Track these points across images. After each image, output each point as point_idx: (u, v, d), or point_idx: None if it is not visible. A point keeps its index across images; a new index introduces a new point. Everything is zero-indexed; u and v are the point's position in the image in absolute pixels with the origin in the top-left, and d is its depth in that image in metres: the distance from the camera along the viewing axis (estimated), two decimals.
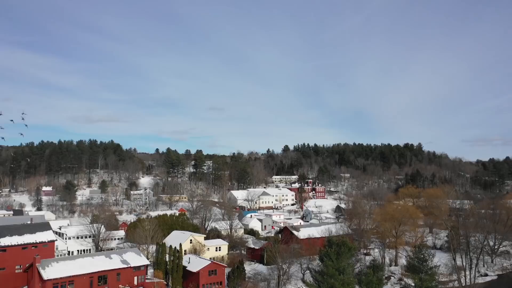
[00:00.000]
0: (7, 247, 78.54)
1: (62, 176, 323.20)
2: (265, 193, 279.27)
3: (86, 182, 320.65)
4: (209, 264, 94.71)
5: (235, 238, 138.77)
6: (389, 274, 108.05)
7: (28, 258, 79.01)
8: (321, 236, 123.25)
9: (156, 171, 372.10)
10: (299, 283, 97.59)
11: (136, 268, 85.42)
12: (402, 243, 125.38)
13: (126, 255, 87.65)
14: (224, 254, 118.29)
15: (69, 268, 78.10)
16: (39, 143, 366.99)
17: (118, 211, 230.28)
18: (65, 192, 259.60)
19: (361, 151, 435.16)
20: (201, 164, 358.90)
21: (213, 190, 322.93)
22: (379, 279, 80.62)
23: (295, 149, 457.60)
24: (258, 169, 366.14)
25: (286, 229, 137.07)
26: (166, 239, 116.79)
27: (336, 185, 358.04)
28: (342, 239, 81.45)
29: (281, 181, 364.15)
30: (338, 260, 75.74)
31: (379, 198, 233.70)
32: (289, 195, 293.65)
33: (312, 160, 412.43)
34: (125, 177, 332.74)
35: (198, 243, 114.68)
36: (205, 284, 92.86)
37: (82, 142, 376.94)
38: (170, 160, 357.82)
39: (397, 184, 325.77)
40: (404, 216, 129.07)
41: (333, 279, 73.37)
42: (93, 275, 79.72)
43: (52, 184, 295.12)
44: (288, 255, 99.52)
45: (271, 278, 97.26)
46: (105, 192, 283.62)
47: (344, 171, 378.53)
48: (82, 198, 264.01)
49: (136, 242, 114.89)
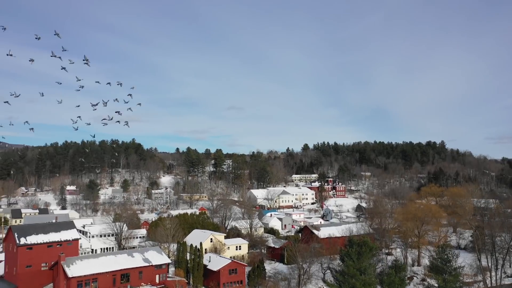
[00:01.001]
0: (33, 245, 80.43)
1: (85, 175, 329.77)
2: (285, 192, 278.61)
3: (109, 181, 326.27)
4: (230, 263, 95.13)
5: (255, 237, 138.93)
6: (412, 274, 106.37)
7: (53, 256, 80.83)
8: (341, 236, 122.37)
9: (176, 170, 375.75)
10: (320, 283, 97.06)
11: (157, 267, 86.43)
12: (425, 243, 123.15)
13: (148, 254, 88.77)
14: (244, 253, 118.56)
15: (92, 266, 79.62)
16: (63, 143, 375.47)
17: (140, 210, 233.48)
18: (88, 191, 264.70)
19: (382, 149, 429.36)
20: (220, 163, 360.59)
21: (233, 189, 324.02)
22: (401, 280, 79.42)
23: (315, 147, 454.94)
24: (277, 168, 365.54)
25: (306, 228, 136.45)
26: (187, 238, 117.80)
27: (356, 183, 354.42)
28: (363, 238, 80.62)
29: (301, 180, 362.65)
30: (359, 260, 75.01)
31: (401, 197, 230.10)
32: (309, 194, 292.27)
33: (332, 159, 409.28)
34: (146, 176, 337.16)
35: (218, 242, 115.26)
36: (225, 283, 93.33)
37: (104, 142, 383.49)
38: (190, 159, 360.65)
39: (419, 183, 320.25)
40: (426, 216, 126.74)
41: (354, 279, 72.71)
42: (116, 273, 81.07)
43: (76, 184, 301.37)
44: (309, 255, 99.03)
45: (292, 278, 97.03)
46: (127, 191, 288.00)
47: (365, 169, 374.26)
48: (104, 197, 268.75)
49: (157, 240, 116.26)
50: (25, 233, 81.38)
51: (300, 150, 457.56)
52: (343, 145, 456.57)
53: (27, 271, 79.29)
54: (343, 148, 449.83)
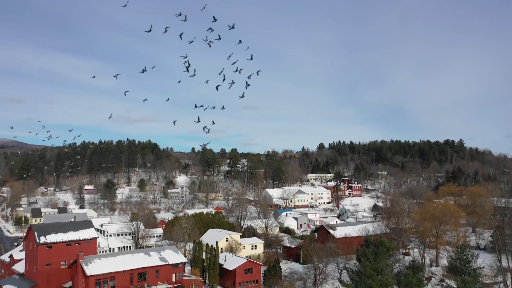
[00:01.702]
0: (52, 243, 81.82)
1: (103, 175, 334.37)
2: (300, 192, 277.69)
3: (126, 181, 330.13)
4: (245, 262, 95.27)
5: (271, 237, 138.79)
6: (430, 275, 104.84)
7: (72, 255, 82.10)
8: (358, 235, 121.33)
9: (192, 169, 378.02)
10: (336, 283, 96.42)
11: (174, 266, 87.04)
12: (443, 243, 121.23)
13: (164, 253, 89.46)
14: (260, 253, 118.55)
15: (110, 265, 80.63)
16: (81, 144, 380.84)
17: (156, 209, 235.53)
18: (106, 190, 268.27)
19: (399, 148, 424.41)
20: (236, 163, 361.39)
21: (248, 189, 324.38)
22: (419, 280, 78.33)
23: (331, 146, 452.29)
24: (293, 167, 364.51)
25: (322, 228, 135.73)
26: (203, 237, 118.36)
27: (373, 183, 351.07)
28: (380, 238, 79.81)
29: (316, 179, 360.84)
30: (376, 260, 74.28)
31: (418, 196, 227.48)
32: (324, 194, 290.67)
33: (348, 158, 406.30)
34: (162, 175, 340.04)
35: (234, 241, 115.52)
36: (241, 282, 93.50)
37: (121, 142, 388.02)
38: (206, 159, 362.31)
39: (437, 182, 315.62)
40: (445, 215, 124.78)
41: (371, 280, 72.06)
42: (133, 271, 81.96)
43: (94, 183, 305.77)
44: (325, 254, 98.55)
45: (307, 277, 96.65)
46: (143, 191, 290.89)
47: (381, 168, 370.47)
48: (122, 196, 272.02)
49: (173, 239, 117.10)
50: (44, 232, 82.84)
51: (315, 149, 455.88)
52: (359, 144, 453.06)
53: (47, 269, 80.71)
54: (359, 147, 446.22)
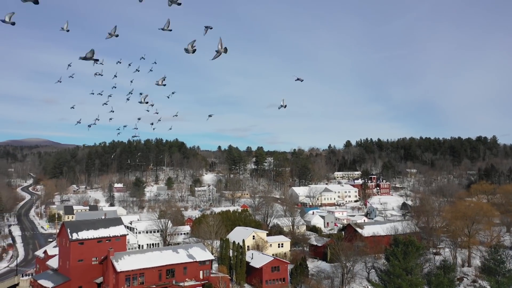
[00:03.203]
0: (84, 240, 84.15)
1: (131, 173, 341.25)
2: (327, 190, 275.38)
3: (154, 179, 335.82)
4: (272, 261, 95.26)
5: (297, 235, 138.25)
6: (462, 275, 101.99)
7: (102, 251, 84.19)
8: (386, 234, 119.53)
9: (218, 168, 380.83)
10: (364, 282, 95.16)
11: (201, 263, 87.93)
12: (476, 242, 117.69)
13: (192, 250, 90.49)
14: (286, 251, 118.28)
15: (139, 261, 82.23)
16: (110, 143, 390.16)
17: (184, 207, 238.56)
18: (135, 188, 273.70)
19: (429, 145, 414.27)
20: (262, 161, 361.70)
21: (275, 187, 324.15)
22: (450, 281, 76.28)
23: (358, 144, 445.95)
24: (319, 165, 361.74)
25: (350, 226, 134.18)
26: (230, 234, 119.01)
27: (401, 181, 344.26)
28: (409, 237, 78.23)
29: (343, 177, 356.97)
30: (405, 260, 72.84)
31: (449, 194, 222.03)
32: (352, 192, 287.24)
33: (375, 156, 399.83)
34: (189, 174, 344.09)
35: (260, 239, 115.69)
36: (268, 280, 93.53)
37: (149, 141, 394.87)
38: (232, 157, 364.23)
39: (469, 180, 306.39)
40: (477, 214, 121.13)
41: (400, 279, 70.71)
42: (161, 268, 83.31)
43: (123, 181, 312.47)
44: (352, 253, 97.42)
45: (335, 276, 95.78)
46: (171, 189, 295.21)
47: (410, 166, 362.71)
48: (150, 194, 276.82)
49: (201, 237, 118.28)
50: (76, 229, 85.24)
51: (342, 147, 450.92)
52: (387, 142, 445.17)
53: (79, 264, 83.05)
54: (387, 144, 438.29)
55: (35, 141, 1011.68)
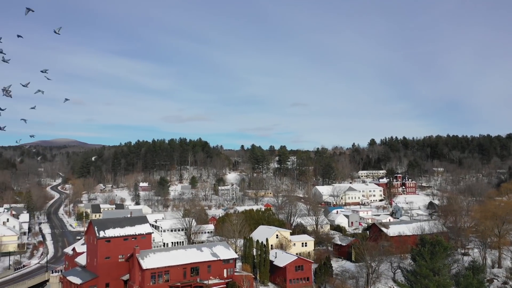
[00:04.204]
0: (111, 238, 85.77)
1: (156, 172, 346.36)
2: (351, 189, 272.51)
3: (178, 178, 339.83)
4: (296, 260, 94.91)
5: (321, 234, 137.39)
6: (492, 276, 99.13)
7: (129, 249, 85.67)
8: (412, 234, 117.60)
9: (241, 167, 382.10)
10: (390, 282, 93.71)
11: (225, 261, 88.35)
12: (507, 243, 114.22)
13: (215, 248, 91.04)
14: (310, 250, 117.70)
15: (164, 259, 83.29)
16: (136, 143, 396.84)
17: (207, 205, 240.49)
18: (159, 187, 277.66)
19: (456, 143, 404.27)
20: (285, 160, 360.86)
21: (298, 186, 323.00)
22: (480, 282, 74.21)
23: (382, 142, 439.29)
24: (343, 164, 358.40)
25: (375, 226, 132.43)
26: (253, 233, 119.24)
27: (428, 180, 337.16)
28: (436, 237, 76.56)
29: (367, 176, 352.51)
30: (432, 260, 71.31)
31: (478, 193, 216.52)
32: (376, 191, 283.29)
33: (401, 154, 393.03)
34: (213, 173, 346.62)
35: (284, 238, 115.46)
36: (292, 279, 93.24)
37: (173, 141, 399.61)
38: (255, 156, 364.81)
39: (498, 179, 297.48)
40: (508, 214, 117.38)
41: (428, 280, 69.28)
42: (186, 266, 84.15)
43: (148, 180, 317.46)
44: (377, 253, 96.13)
45: (360, 276, 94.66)
46: (195, 188, 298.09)
47: (437, 165, 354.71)
48: (174, 193, 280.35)
49: (224, 236, 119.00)
50: (104, 227, 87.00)
51: (366, 146, 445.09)
52: (413, 140, 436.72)
53: (106, 262, 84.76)
54: (413, 142, 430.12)
55: (64, 142, 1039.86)
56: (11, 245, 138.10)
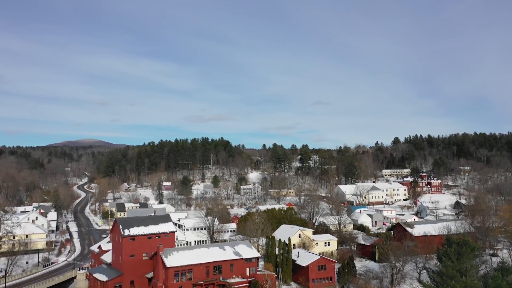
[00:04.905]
0: (135, 236, 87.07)
1: (179, 172, 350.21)
2: (374, 188, 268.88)
3: (200, 177, 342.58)
4: (319, 259, 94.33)
5: (344, 234, 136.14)
6: None
7: (152, 247, 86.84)
8: (438, 234, 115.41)
9: (263, 166, 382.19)
10: (415, 283, 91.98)
11: (247, 260, 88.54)
12: None
13: (238, 247, 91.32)
14: (333, 250, 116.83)
15: (188, 257, 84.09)
16: (159, 142, 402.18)
17: (230, 204, 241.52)
18: (182, 186, 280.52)
19: (484, 141, 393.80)
20: (307, 159, 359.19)
21: (320, 185, 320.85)
22: (509, 284, 71.91)
23: (406, 141, 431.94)
24: (366, 162, 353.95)
25: (399, 226, 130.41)
26: (275, 232, 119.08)
27: (454, 179, 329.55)
28: (463, 237, 74.73)
29: (391, 175, 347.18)
30: (459, 261, 69.58)
31: (507, 193, 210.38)
32: (401, 190, 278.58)
33: (426, 153, 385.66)
34: (235, 172, 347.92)
35: (306, 237, 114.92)
36: (315, 279, 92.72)
37: (195, 140, 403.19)
38: (277, 155, 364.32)
39: None
40: None
41: (454, 281, 67.62)
42: (209, 264, 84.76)
43: (171, 180, 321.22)
44: (402, 253, 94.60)
45: (384, 276, 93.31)
46: (217, 187, 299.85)
47: (464, 163, 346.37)
48: (197, 192, 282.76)
49: (246, 234, 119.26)
50: (128, 225, 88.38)
51: (390, 144, 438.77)
52: (438, 138, 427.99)
53: (131, 259, 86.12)
54: (438, 140, 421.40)
55: (89, 142, 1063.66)
56: (39, 243, 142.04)
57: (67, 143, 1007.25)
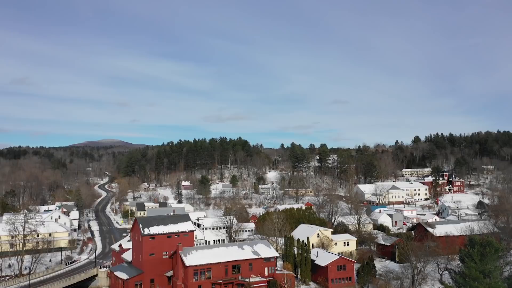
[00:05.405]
0: (155, 235, 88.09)
1: (197, 171, 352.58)
2: (394, 187, 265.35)
3: (219, 177, 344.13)
4: (338, 259, 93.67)
5: (364, 234, 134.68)
6: None
7: (172, 246, 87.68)
8: (460, 234, 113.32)
9: (281, 165, 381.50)
10: (437, 284, 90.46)
11: (266, 260, 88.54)
12: None
13: (256, 247, 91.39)
14: (352, 250, 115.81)
15: (206, 256, 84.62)
16: (178, 142, 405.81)
17: (248, 204, 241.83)
18: (201, 186, 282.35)
19: (508, 139, 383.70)
20: (325, 158, 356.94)
21: (339, 184, 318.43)
22: None
23: (427, 139, 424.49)
24: (385, 162, 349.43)
25: (420, 226, 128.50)
26: (294, 232, 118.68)
27: (477, 178, 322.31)
28: (486, 238, 72.97)
29: (412, 174, 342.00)
30: (482, 262, 68.07)
31: None
32: (421, 189, 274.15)
33: (447, 151, 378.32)
34: (253, 172, 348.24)
35: (325, 237, 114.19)
36: (334, 279, 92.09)
37: (213, 140, 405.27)
38: (295, 154, 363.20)
39: None
40: None
41: (477, 283, 66.22)
42: (227, 264, 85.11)
43: (190, 179, 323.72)
44: (423, 254, 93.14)
45: (404, 277, 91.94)
46: (235, 186, 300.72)
47: (487, 162, 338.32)
48: (215, 191, 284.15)
49: (265, 234, 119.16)
50: (148, 224, 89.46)
51: (410, 143, 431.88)
52: (460, 136, 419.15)
53: (151, 258, 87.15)
54: (460, 139, 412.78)
55: (110, 142, 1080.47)
56: (62, 241, 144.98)
57: (88, 143, 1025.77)
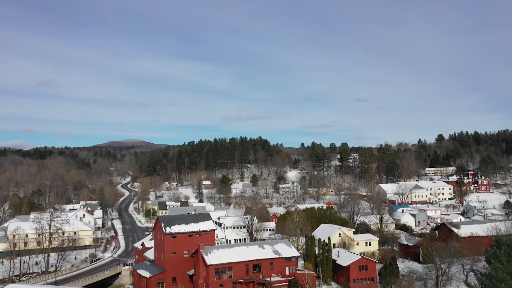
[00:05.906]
0: (177, 234, 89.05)
1: (218, 171, 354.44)
2: (417, 187, 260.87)
3: (239, 176, 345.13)
4: (360, 259, 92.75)
5: (386, 234, 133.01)
6: None
7: (193, 245, 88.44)
8: (486, 235, 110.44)
9: (302, 165, 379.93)
10: (462, 286, 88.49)
11: (287, 259, 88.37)
12: None
13: (277, 246, 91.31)
14: (374, 250, 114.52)
15: (227, 255, 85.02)
16: (198, 142, 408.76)
17: (268, 203, 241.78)
18: (222, 185, 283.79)
19: None
20: (346, 157, 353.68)
21: (360, 184, 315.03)
22: None
23: (451, 138, 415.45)
24: (408, 161, 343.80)
25: (444, 226, 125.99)
26: (315, 232, 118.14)
27: (503, 177, 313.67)
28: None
29: (435, 174, 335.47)
30: (509, 263, 66.22)
31: None
32: (445, 189, 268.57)
33: (472, 150, 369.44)
34: (273, 171, 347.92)
35: (347, 237, 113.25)
36: (356, 279, 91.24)
37: (234, 139, 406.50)
38: (316, 153, 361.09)
39: None
40: None
41: (504, 284, 64.41)
42: (248, 263, 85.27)
43: (211, 178, 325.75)
44: (448, 254, 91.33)
45: (428, 278, 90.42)
46: (256, 186, 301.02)
47: None
48: (236, 191, 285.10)
49: (286, 233, 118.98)
50: (170, 223, 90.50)
51: (433, 141, 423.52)
52: (486, 134, 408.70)
53: (173, 257, 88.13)
54: (486, 137, 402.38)
55: (132, 142, 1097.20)
56: (87, 239, 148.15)
57: (111, 143, 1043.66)
